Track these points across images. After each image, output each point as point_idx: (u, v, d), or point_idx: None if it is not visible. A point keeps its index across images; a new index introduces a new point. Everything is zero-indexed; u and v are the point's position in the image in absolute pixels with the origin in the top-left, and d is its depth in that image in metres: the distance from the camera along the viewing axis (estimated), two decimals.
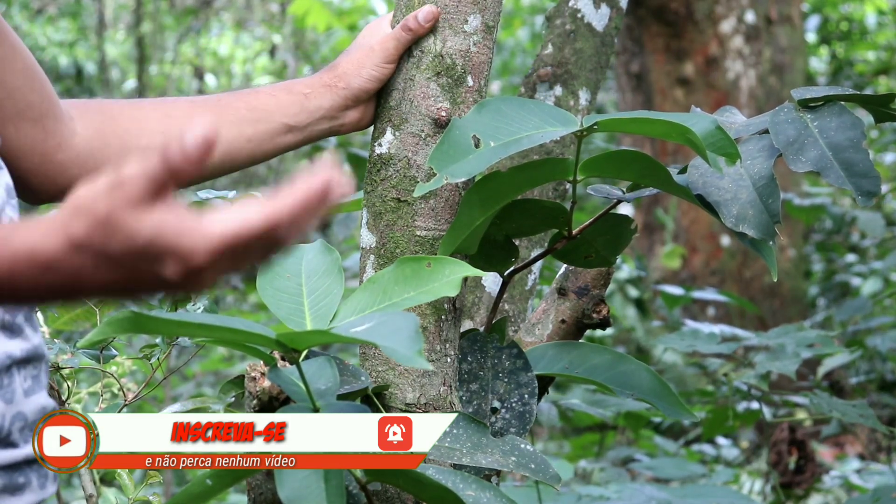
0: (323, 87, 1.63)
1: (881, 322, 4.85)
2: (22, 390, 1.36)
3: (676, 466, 3.55)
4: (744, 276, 5.98)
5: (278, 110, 1.62)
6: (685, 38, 6.04)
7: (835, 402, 2.73)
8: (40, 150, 1.52)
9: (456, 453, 1.50)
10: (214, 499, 1.41)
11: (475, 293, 2.15)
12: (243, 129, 1.61)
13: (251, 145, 1.62)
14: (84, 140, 1.55)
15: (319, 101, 1.63)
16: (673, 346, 2.94)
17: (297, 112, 1.63)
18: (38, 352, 1.40)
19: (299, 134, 1.64)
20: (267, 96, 1.63)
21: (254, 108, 1.62)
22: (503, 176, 1.56)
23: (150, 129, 1.58)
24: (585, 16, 2.29)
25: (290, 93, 1.63)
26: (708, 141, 1.49)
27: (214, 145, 1.00)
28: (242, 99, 1.63)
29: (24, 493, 1.35)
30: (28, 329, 1.39)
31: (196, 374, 5.85)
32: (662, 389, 1.68)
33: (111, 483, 2.35)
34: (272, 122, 1.62)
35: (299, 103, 1.63)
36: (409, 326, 1.25)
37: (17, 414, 1.36)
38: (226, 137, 1.60)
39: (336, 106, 1.63)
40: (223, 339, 1.38)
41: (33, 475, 1.37)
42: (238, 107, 1.62)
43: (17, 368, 1.36)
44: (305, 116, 1.63)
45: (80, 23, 10.87)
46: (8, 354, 1.35)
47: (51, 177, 1.54)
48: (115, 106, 1.60)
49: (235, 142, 1.61)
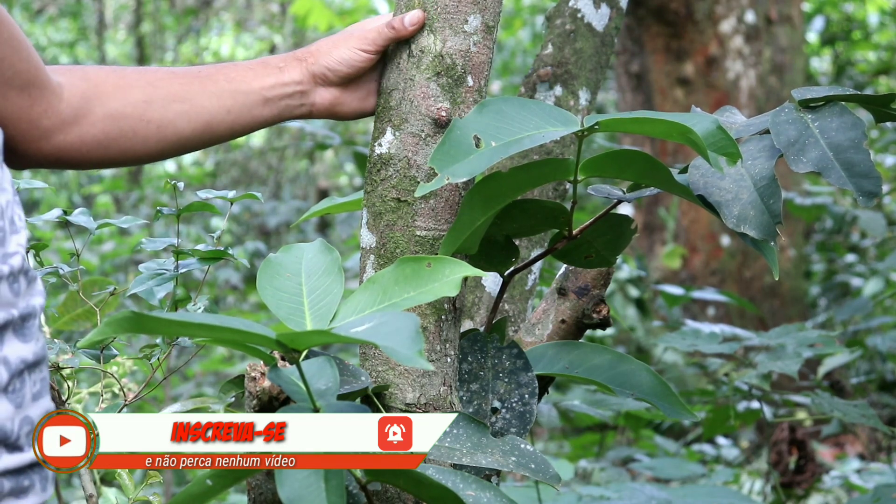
0: (295, 60, 1.67)
1: (881, 322, 4.85)
2: (31, 394, 1.37)
3: (676, 466, 3.55)
4: (744, 276, 5.98)
5: (256, 81, 1.65)
6: (685, 38, 6.04)
7: (836, 402, 2.73)
8: (26, 117, 1.54)
9: (456, 453, 1.50)
10: (214, 499, 1.41)
11: (475, 293, 2.14)
12: (223, 100, 1.64)
13: (231, 117, 1.64)
14: (69, 106, 1.57)
15: (291, 74, 1.66)
16: (674, 346, 2.94)
17: (272, 84, 1.65)
18: (44, 354, 1.41)
19: (273, 107, 1.66)
20: (245, 69, 1.66)
21: (232, 79, 1.65)
22: (504, 176, 1.56)
23: (134, 98, 1.60)
24: (585, 16, 2.29)
25: (266, 66, 1.66)
26: (709, 141, 1.48)
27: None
28: (222, 71, 1.66)
29: (28, 496, 1.36)
30: (38, 332, 1.40)
31: (196, 374, 5.85)
32: (663, 389, 1.68)
33: (111, 483, 2.35)
34: (250, 93, 1.65)
35: (274, 75, 1.66)
36: (409, 327, 1.25)
37: (25, 418, 1.36)
38: (207, 108, 1.63)
39: (305, 80, 1.66)
40: (223, 339, 1.38)
41: (36, 478, 1.38)
42: (218, 78, 1.64)
43: (29, 372, 1.37)
44: (279, 89, 1.66)
45: (80, 23, 10.87)
46: (22, 359, 1.36)
47: (36, 142, 1.56)
48: (99, 73, 1.62)
49: (217, 113, 1.64)
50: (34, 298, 1.40)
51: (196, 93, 1.63)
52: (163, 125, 1.61)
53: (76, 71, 1.61)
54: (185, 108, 1.62)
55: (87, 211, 2.03)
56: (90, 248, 6.10)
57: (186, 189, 5.69)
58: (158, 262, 1.95)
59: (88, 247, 5.70)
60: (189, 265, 1.94)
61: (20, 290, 1.37)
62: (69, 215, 2.00)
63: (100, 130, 1.59)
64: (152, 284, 1.92)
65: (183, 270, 1.93)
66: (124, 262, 6.24)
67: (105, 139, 1.59)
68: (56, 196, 6.93)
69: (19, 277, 1.37)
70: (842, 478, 4.16)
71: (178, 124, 1.62)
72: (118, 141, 1.60)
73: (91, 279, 2.11)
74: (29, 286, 1.39)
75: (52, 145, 1.57)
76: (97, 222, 2.02)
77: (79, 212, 2.02)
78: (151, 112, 1.61)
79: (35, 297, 1.40)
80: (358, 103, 1.68)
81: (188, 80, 1.64)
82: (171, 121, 1.62)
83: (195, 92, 1.63)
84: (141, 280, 1.93)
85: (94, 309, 2.03)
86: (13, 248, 1.38)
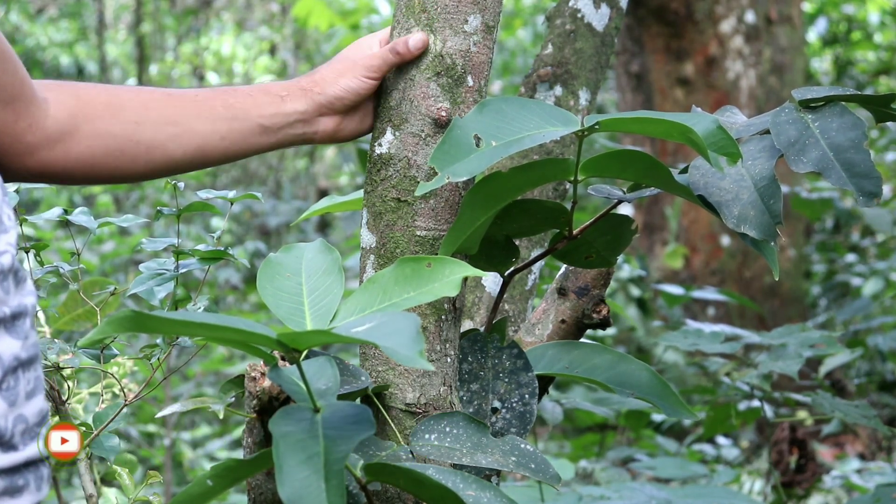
0: (299, 90, 1.65)
1: (882, 322, 4.85)
2: (24, 393, 1.36)
3: (677, 466, 3.54)
4: (744, 276, 5.98)
5: (254, 110, 1.63)
6: (685, 38, 6.04)
7: (837, 403, 2.73)
8: (10, 132, 1.53)
9: (456, 453, 1.50)
10: (215, 499, 1.41)
11: (475, 293, 2.14)
12: (218, 126, 1.62)
13: (225, 143, 1.63)
14: (56, 123, 1.56)
15: (294, 104, 1.64)
16: (676, 345, 2.94)
17: (272, 113, 1.63)
18: (38, 353, 1.40)
19: (273, 136, 1.64)
20: (244, 96, 1.64)
21: (230, 105, 1.63)
22: (504, 176, 1.56)
23: (124, 118, 1.59)
24: (585, 16, 2.29)
25: (267, 94, 1.64)
26: (709, 141, 1.48)
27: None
28: (220, 96, 1.64)
29: (22, 495, 1.35)
30: (32, 330, 1.39)
31: (196, 374, 5.85)
32: (663, 389, 1.68)
33: (111, 483, 2.35)
34: (247, 121, 1.63)
35: (275, 105, 1.64)
36: (409, 327, 1.25)
37: (19, 416, 1.36)
38: (200, 132, 1.61)
39: (310, 111, 1.64)
40: (224, 339, 1.38)
41: (31, 477, 1.37)
42: (215, 104, 1.62)
43: (23, 370, 1.36)
44: (280, 119, 1.64)
45: (80, 23, 10.87)
46: (15, 356, 1.35)
47: (20, 157, 1.55)
48: (90, 91, 1.60)
49: (210, 138, 1.62)
50: (26, 298, 1.39)
51: (190, 117, 1.61)
52: (153, 147, 1.60)
53: (66, 87, 1.59)
54: (177, 131, 1.60)
55: (87, 210, 2.03)
56: (90, 247, 6.10)
57: (187, 189, 5.69)
58: (158, 261, 1.95)
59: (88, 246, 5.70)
60: (189, 265, 1.94)
61: (9, 289, 1.36)
62: (69, 215, 2.00)
63: (86, 148, 1.57)
64: (152, 284, 1.92)
65: (183, 270, 1.93)
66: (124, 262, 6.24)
67: (91, 157, 1.58)
68: (56, 195, 6.93)
69: (8, 276, 1.36)
70: (842, 478, 4.16)
71: (168, 147, 1.60)
72: (105, 160, 1.58)
73: (91, 279, 2.11)
74: (19, 285, 1.38)
75: (36, 161, 1.55)
76: (97, 221, 2.02)
77: (79, 211, 2.02)
78: (141, 133, 1.59)
79: (27, 296, 1.39)
80: (356, 125, 1.67)
81: (183, 104, 1.62)
82: (162, 143, 1.60)
83: (189, 116, 1.61)
84: (141, 280, 1.93)
85: (94, 309, 2.03)
86: (2, 248, 1.37)
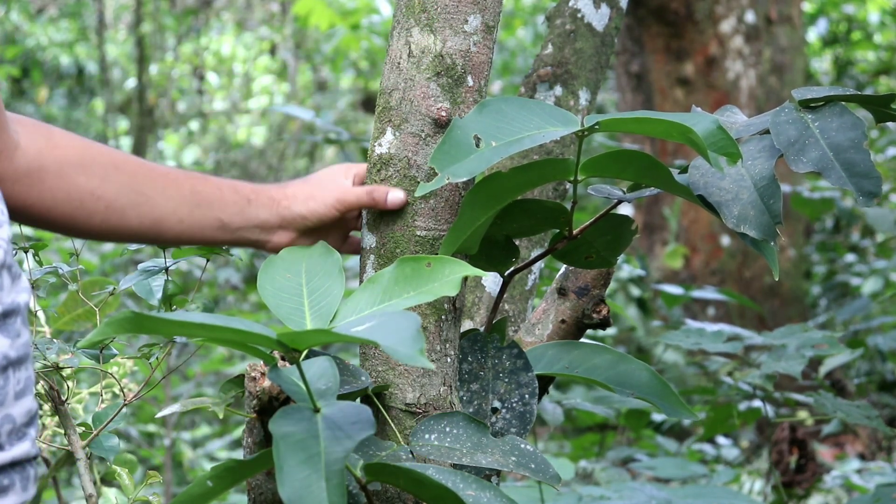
0: (268, 198, 1.67)
1: (882, 322, 4.85)
2: (14, 392, 1.36)
3: (677, 466, 3.54)
4: (744, 276, 5.98)
5: (219, 204, 1.65)
6: (685, 38, 6.04)
7: (839, 403, 2.72)
8: None
9: (456, 453, 1.50)
10: (215, 499, 1.41)
11: (475, 293, 2.14)
12: (180, 208, 1.63)
13: (181, 226, 1.64)
14: (24, 157, 1.56)
15: (258, 211, 1.66)
16: (678, 344, 2.93)
17: (234, 213, 1.65)
18: (29, 352, 1.39)
19: (228, 234, 1.66)
20: (214, 187, 1.66)
21: (198, 192, 1.64)
22: (504, 176, 1.56)
23: (91, 171, 1.59)
24: (585, 16, 2.29)
25: (236, 193, 1.66)
26: (709, 141, 1.48)
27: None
28: (190, 181, 1.65)
29: (7, 496, 1.35)
30: (24, 328, 1.38)
31: (196, 374, 5.85)
32: (663, 389, 1.68)
33: (111, 483, 2.35)
34: (209, 213, 1.65)
35: (239, 206, 1.66)
36: (410, 326, 1.25)
37: (7, 416, 1.35)
38: (162, 208, 1.63)
39: (271, 221, 1.66)
40: (224, 339, 1.38)
41: (17, 477, 1.36)
42: (183, 186, 1.64)
43: (13, 369, 1.36)
44: (240, 220, 1.66)
45: (80, 23, 10.87)
46: (4, 355, 1.34)
47: None
48: (65, 137, 1.60)
49: (169, 217, 1.63)
50: (19, 295, 1.38)
51: (157, 190, 1.62)
52: (112, 207, 1.60)
53: (40, 127, 1.59)
54: (139, 200, 1.61)
55: None
56: (90, 247, 6.10)
57: None
58: (158, 261, 1.95)
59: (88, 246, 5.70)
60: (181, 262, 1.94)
61: (3, 286, 1.36)
62: None
63: (48, 190, 1.57)
64: (142, 279, 1.92)
65: (173, 265, 1.93)
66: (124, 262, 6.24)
67: (52, 201, 1.58)
68: None
69: (2, 272, 1.36)
70: (842, 477, 4.16)
71: (127, 213, 1.61)
72: (63, 208, 1.58)
73: (91, 279, 2.11)
74: (13, 282, 1.37)
75: (2, 190, 1.53)
76: None
77: None
78: (104, 190, 1.60)
79: (20, 293, 1.38)
80: (308, 245, 1.68)
81: (153, 176, 1.63)
82: (122, 207, 1.61)
83: (156, 189, 1.62)
84: (133, 276, 1.93)
85: (94, 309, 2.03)
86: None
